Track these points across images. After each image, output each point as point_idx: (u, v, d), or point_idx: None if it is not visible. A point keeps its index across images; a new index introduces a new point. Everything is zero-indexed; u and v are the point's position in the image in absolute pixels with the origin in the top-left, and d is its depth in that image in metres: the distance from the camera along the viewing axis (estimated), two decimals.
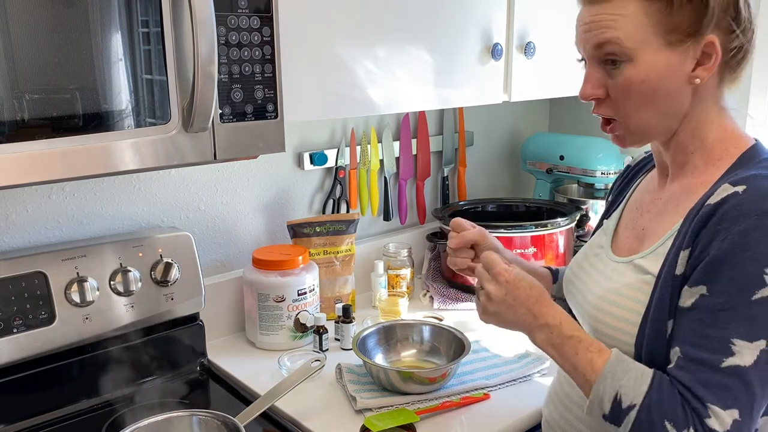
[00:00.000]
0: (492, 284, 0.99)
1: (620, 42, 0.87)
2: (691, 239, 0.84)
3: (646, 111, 0.90)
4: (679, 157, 0.95)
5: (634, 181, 1.12)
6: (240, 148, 1.05)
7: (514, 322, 0.97)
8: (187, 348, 1.41)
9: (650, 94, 0.89)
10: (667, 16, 0.86)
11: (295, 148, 1.63)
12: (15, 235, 1.27)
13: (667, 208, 0.96)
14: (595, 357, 0.88)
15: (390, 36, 1.29)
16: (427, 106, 1.40)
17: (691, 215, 0.86)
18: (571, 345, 0.90)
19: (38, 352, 1.19)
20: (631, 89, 0.89)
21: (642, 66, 0.88)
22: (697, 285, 0.82)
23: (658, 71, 0.87)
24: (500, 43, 1.46)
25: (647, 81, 0.88)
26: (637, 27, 0.86)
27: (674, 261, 0.85)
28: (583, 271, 1.06)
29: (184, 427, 1.09)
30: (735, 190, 0.82)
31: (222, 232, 1.55)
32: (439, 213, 1.82)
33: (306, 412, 1.22)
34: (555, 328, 0.92)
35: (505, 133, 2.16)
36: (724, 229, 0.80)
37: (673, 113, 0.91)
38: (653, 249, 0.92)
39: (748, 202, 0.80)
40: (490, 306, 0.99)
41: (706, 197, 0.85)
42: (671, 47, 0.87)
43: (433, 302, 1.70)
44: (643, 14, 0.86)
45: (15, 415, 1.20)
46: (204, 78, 0.93)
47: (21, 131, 0.85)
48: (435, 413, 1.21)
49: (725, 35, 0.87)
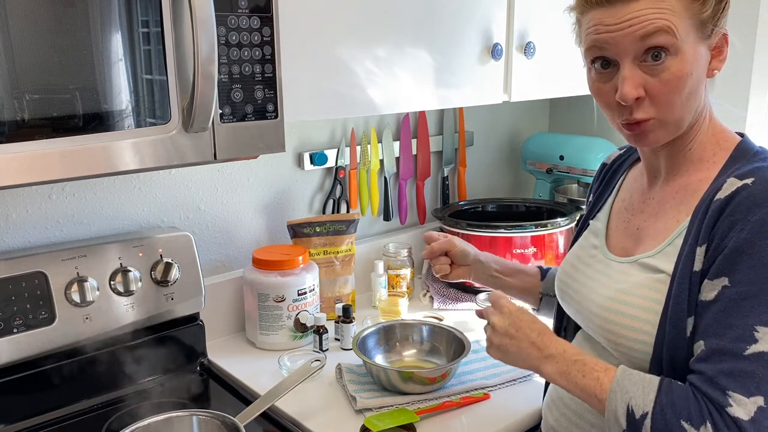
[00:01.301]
0: (496, 316, 1.01)
1: (674, 31, 0.85)
2: (706, 234, 0.84)
3: (688, 105, 0.89)
4: (674, 154, 0.95)
5: (615, 180, 1.12)
6: (240, 148, 1.05)
7: (518, 354, 0.98)
8: (187, 348, 1.41)
9: (693, 87, 0.88)
10: (700, 10, 0.87)
11: (295, 148, 1.63)
12: (15, 235, 1.28)
13: (665, 208, 0.96)
14: (602, 376, 0.88)
15: (390, 36, 1.29)
16: (427, 106, 1.40)
17: (699, 211, 0.86)
18: (577, 369, 0.90)
19: (38, 352, 1.19)
20: (678, 84, 0.87)
21: (686, 59, 0.87)
22: (718, 277, 0.82)
23: (697, 64, 0.88)
24: (500, 43, 1.46)
25: (691, 74, 0.87)
26: (680, 19, 0.86)
27: (690, 258, 0.85)
28: (580, 273, 1.05)
29: (184, 427, 1.09)
30: (744, 182, 0.83)
31: (222, 232, 1.55)
32: (439, 213, 1.82)
33: (306, 412, 1.22)
34: (560, 356, 0.93)
35: (505, 133, 2.16)
36: (740, 220, 0.81)
37: (695, 106, 0.92)
38: (661, 248, 0.92)
39: (760, 192, 0.81)
40: (495, 338, 1.00)
41: (712, 192, 0.86)
42: (703, 41, 0.89)
43: (433, 302, 1.70)
44: (683, 7, 0.86)
45: (15, 415, 1.20)
46: (204, 78, 0.93)
47: (21, 131, 0.85)
48: (435, 413, 1.21)
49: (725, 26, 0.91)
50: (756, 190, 0.82)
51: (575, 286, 1.05)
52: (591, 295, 1.00)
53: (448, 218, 1.77)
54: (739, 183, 0.83)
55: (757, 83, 1.69)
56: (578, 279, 1.05)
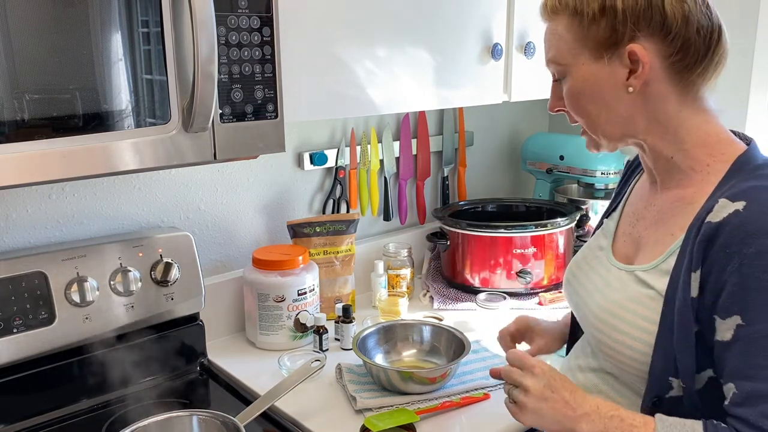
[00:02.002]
0: (528, 378, 0.93)
1: (556, 60, 0.94)
2: (699, 261, 0.83)
3: (594, 119, 0.94)
4: (660, 162, 0.95)
5: (631, 180, 1.11)
6: (240, 148, 1.05)
7: (553, 417, 0.91)
8: (187, 348, 1.41)
9: (590, 104, 0.93)
10: (585, 31, 0.89)
11: (295, 148, 1.63)
12: (15, 235, 1.28)
13: (662, 218, 0.95)
14: (642, 431, 0.84)
15: (390, 36, 1.29)
16: (427, 106, 1.40)
17: (692, 232, 0.85)
18: (614, 426, 0.86)
19: (38, 352, 1.19)
20: (572, 101, 0.94)
21: (576, 80, 0.93)
22: (730, 316, 0.80)
23: (590, 84, 0.91)
24: (500, 43, 1.46)
25: (583, 93, 0.93)
26: (567, 44, 0.92)
27: (687, 283, 0.84)
28: (583, 273, 1.06)
29: (184, 427, 1.09)
30: (735, 207, 0.80)
31: (222, 232, 1.55)
32: (439, 213, 1.82)
33: (306, 412, 1.22)
34: (594, 414, 0.88)
35: (505, 133, 2.16)
36: (735, 253, 0.79)
37: (622, 120, 0.92)
38: (655, 264, 0.91)
39: (752, 222, 0.79)
40: (530, 402, 0.92)
41: (705, 212, 0.83)
42: (598, 60, 0.90)
43: (433, 302, 1.70)
44: (568, 31, 0.91)
45: (15, 415, 1.20)
46: (204, 78, 0.93)
47: (21, 131, 0.85)
48: (435, 413, 1.21)
49: (659, 41, 0.87)
50: (747, 219, 0.79)
51: (576, 286, 1.06)
52: (588, 299, 1.00)
53: (448, 218, 1.77)
54: (731, 207, 0.81)
55: (757, 83, 1.69)
56: (580, 279, 1.05)
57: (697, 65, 0.88)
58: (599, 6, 0.87)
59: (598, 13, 0.87)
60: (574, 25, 0.89)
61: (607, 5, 0.87)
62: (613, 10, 0.86)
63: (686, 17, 0.86)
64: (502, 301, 1.65)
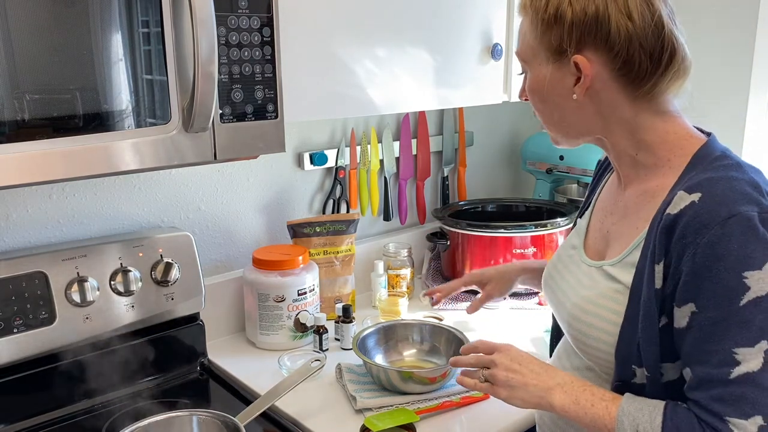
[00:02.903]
0: (495, 355, 0.99)
1: (520, 55, 0.98)
2: (661, 253, 0.84)
3: (547, 116, 0.99)
4: (624, 159, 0.96)
5: (603, 178, 1.13)
6: (240, 148, 1.05)
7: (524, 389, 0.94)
8: (187, 348, 1.41)
9: (542, 102, 0.97)
10: (541, 35, 0.92)
11: (295, 148, 1.63)
12: (15, 235, 1.28)
13: (628, 212, 0.97)
14: (610, 405, 0.87)
15: (390, 36, 1.29)
16: (427, 106, 1.40)
17: (654, 224, 0.86)
18: (585, 398, 0.89)
19: (38, 352, 1.19)
20: (530, 97, 0.99)
21: (532, 77, 0.96)
22: (685, 303, 0.82)
23: (541, 83, 0.95)
24: (500, 43, 1.46)
25: (536, 91, 0.96)
26: (527, 43, 0.95)
27: (651, 275, 0.86)
28: (558, 272, 1.07)
29: (184, 427, 1.09)
30: (691, 199, 0.82)
31: (222, 232, 1.55)
32: (439, 213, 1.82)
33: (306, 412, 1.22)
34: (567, 385, 0.92)
35: (505, 133, 2.16)
36: (690, 243, 0.81)
37: (574, 121, 0.96)
38: (621, 258, 0.93)
39: (706, 213, 0.80)
40: (500, 373, 0.97)
41: (665, 204, 0.85)
42: (550, 63, 0.93)
43: None
44: (530, 31, 0.94)
45: (15, 415, 1.21)
46: (204, 78, 0.93)
47: (21, 131, 0.85)
48: (435, 413, 1.21)
49: (603, 54, 0.88)
50: (702, 210, 0.81)
51: (552, 285, 1.07)
52: (563, 298, 1.03)
53: (448, 218, 1.77)
54: (687, 199, 0.82)
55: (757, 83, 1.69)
56: (556, 278, 1.07)
57: (645, 80, 0.89)
58: (553, 14, 0.90)
59: (552, 21, 0.90)
60: (534, 27, 0.93)
61: (558, 14, 0.89)
62: (563, 19, 0.89)
63: (629, 36, 0.87)
64: (502, 301, 1.65)
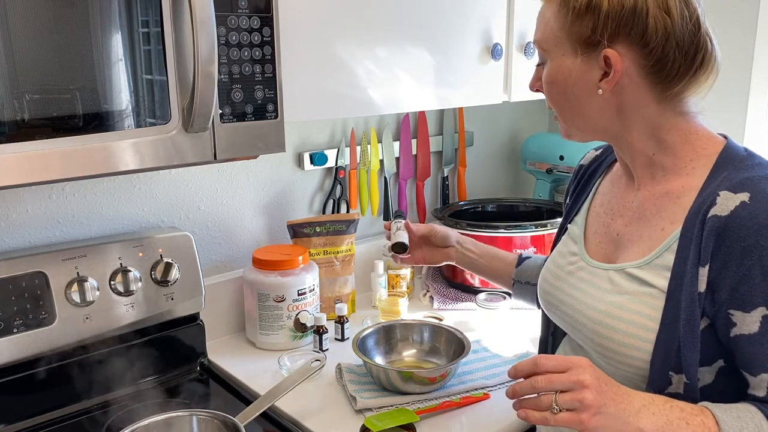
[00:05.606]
0: (579, 374, 0.80)
1: (540, 44, 0.95)
2: (707, 255, 0.82)
3: (565, 109, 0.96)
4: (640, 159, 0.95)
5: (592, 182, 1.10)
6: (240, 148, 1.05)
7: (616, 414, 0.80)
8: (187, 348, 1.41)
9: (561, 94, 0.94)
10: (570, 24, 0.89)
11: (295, 148, 1.63)
12: (15, 235, 1.27)
13: (645, 214, 0.94)
14: (704, 419, 0.81)
15: (390, 36, 1.29)
16: (427, 106, 1.40)
17: (693, 227, 0.84)
18: (675, 416, 0.81)
19: (38, 352, 1.19)
20: (547, 88, 0.95)
21: (553, 68, 0.93)
22: (754, 308, 0.80)
23: (564, 75, 0.92)
24: (500, 43, 1.46)
25: (556, 83, 0.93)
26: (551, 31, 0.92)
27: (693, 279, 0.83)
28: (563, 282, 1.04)
29: (184, 427, 1.09)
30: (741, 199, 0.81)
31: (222, 232, 1.55)
32: (439, 213, 1.82)
33: (306, 412, 1.22)
34: (652, 406, 0.82)
35: (505, 133, 2.16)
36: (753, 245, 0.79)
37: (593, 117, 0.93)
38: (648, 260, 0.91)
39: (763, 212, 0.80)
40: (593, 399, 0.79)
41: (704, 206, 0.84)
42: (576, 55, 0.90)
43: (433, 302, 1.70)
44: (555, 19, 0.90)
45: (15, 415, 1.20)
46: (204, 78, 0.93)
47: (21, 131, 0.85)
48: (435, 413, 1.21)
49: (637, 50, 0.87)
50: (757, 210, 0.80)
51: (560, 296, 1.03)
52: (580, 307, 0.98)
53: (448, 218, 1.77)
54: (736, 200, 0.81)
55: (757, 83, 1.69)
56: (562, 288, 1.03)
57: (677, 79, 0.88)
58: (586, 3, 0.87)
59: (584, 10, 0.87)
60: (561, 15, 0.89)
61: (593, 4, 0.86)
62: (598, 10, 0.86)
63: (667, 33, 0.85)
64: (501, 301, 1.65)
